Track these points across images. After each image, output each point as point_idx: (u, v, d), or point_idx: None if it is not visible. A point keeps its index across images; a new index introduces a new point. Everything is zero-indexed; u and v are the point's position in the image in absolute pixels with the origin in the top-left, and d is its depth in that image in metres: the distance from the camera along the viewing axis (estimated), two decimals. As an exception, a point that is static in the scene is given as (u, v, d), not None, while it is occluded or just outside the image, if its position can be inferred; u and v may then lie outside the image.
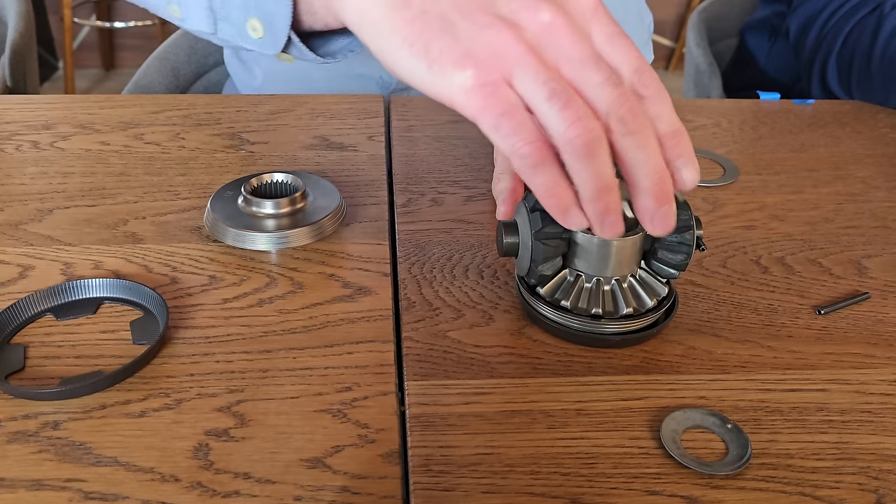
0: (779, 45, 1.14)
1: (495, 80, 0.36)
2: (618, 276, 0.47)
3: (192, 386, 0.43)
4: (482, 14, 0.37)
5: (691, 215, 0.46)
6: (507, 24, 0.36)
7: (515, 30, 0.36)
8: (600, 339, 0.47)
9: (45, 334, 0.47)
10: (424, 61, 0.37)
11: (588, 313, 0.47)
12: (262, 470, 0.39)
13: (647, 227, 0.39)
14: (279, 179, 0.59)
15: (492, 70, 0.36)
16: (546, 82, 0.36)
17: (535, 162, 0.36)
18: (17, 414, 0.41)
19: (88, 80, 2.99)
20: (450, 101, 0.37)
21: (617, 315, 0.46)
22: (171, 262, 0.53)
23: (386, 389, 0.44)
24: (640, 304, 0.47)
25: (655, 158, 0.38)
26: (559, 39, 0.36)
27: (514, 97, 0.36)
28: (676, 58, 3.02)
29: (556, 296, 0.47)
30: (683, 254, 0.46)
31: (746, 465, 0.40)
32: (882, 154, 0.75)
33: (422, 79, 0.38)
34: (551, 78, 0.36)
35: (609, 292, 0.47)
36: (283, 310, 0.50)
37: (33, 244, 0.55)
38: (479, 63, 0.36)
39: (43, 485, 0.37)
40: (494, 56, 0.36)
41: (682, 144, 0.39)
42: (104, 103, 0.76)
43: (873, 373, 0.47)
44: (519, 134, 0.36)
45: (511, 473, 0.39)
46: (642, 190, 0.38)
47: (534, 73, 0.36)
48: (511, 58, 0.36)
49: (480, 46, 0.36)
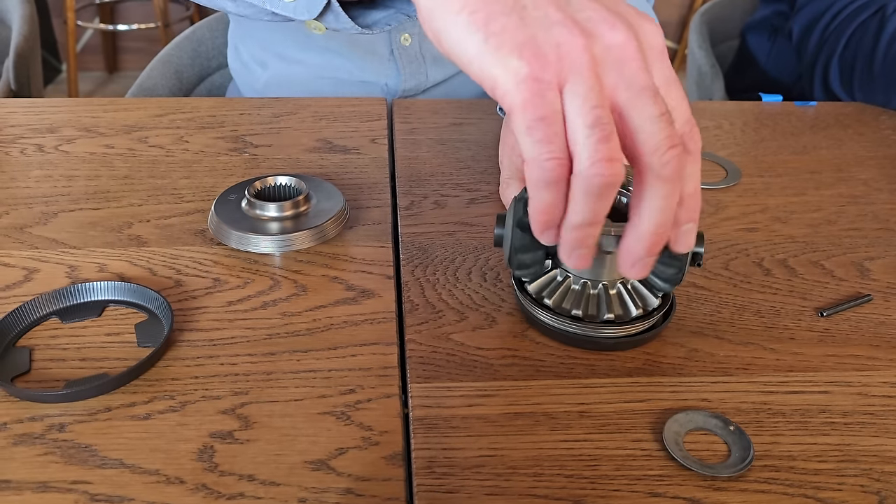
0: (779, 44, 1.14)
1: (549, 80, 0.34)
2: (606, 280, 0.47)
3: (197, 388, 0.44)
4: (556, 10, 0.35)
5: None
6: (579, 29, 0.35)
7: (587, 38, 0.34)
8: (591, 341, 0.47)
9: (50, 337, 0.47)
10: (482, 32, 0.35)
11: (568, 314, 0.47)
12: (267, 472, 0.39)
13: (623, 267, 0.38)
14: (283, 182, 0.59)
15: (550, 68, 0.34)
16: (595, 107, 0.34)
17: (551, 179, 0.35)
18: (23, 416, 0.41)
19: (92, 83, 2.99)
20: (492, 84, 0.35)
21: (598, 320, 0.47)
22: (176, 264, 0.54)
23: (389, 392, 0.44)
24: (625, 312, 0.47)
25: (669, 212, 0.36)
26: (626, 63, 0.34)
27: (559, 104, 0.34)
28: (678, 59, 3.03)
29: (541, 294, 0.48)
30: (675, 268, 0.46)
31: (749, 467, 0.40)
32: (884, 156, 0.75)
33: (472, 52, 0.35)
34: (601, 104, 0.34)
35: (594, 296, 0.47)
36: (286, 312, 0.50)
37: (38, 247, 0.55)
38: (539, 56, 0.34)
39: (49, 487, 0.38)
40: (557, 55, 0.34)
41: (695, 209, 0.38)
42: (108, 106, 0.77)
43: (875, 375, 0.47)
44: (549, 144, 0.34)
45: (514, 475, 0.39)
46: (641, 233, 0.37)
47: (587, 90, 0.34)
48: (573, 64, 0.34)
49: (546, 40, 0.34)
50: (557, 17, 0.35)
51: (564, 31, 0.34)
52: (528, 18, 0.34)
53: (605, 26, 0.35)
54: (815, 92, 0.97)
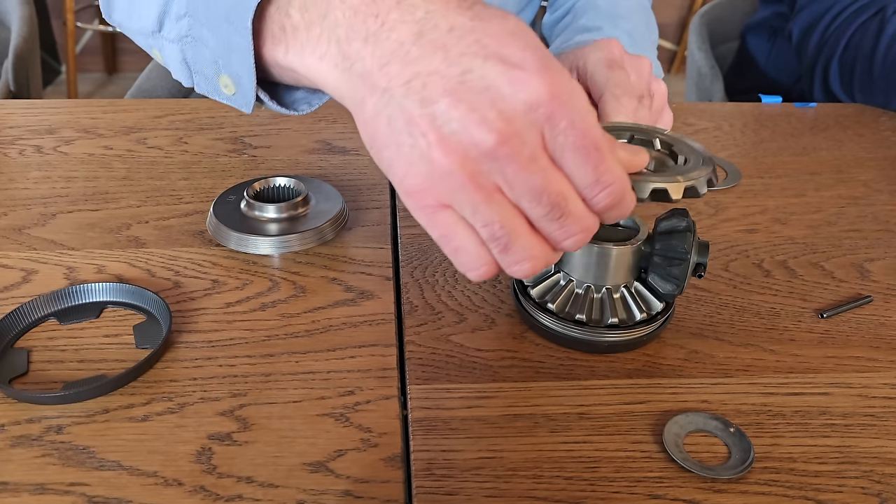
0: (779, 45, 1.14)
1: (434, 205, 0.35)
2: (610, 284, 0.47)
3: (195, 390, 0.43)
4: (428, 129, 0.33)
5: (689, 248, 0.45)
6: (447, 149, 0.33)
7: (456, 155, 0.33)
8: (588, 344, 0.47)
9: (48, 338, 0.47)
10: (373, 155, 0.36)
11: (572, 318, 0.47)
12: (265, 474, 0.39)
13: None
14: (281, 184, 0.59)
15: (429, 195, 0.34)
16: (484, 226, 0.34)
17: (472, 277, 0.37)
18: (20, 418, 0.41)
19: (91, 84, 2.99)
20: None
21: (602, 324, 0.46)
22: (174, 266, 0.54)
23: (388, 393, 0.44)
24: (629, 316, 0.47)
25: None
26: (505, 165, 0.33)
27: (455, 216, 0.35)
28: (678, 61, 3.02)
29: (545, 298, 0.47)
30: (672, 284, 0.46)
31: (749, 468, 0.40)
32: (884, 157, 0.75)
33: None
34: (489, 220, 0.34)
35: (598, 300, 0.47)
36: (285, 314, 0.50)
37: (37, 248, 0.55)
38: (418, 188, 0.34)
39: (46, 489, 0.37)
40: (432, 182, 0.34)
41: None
42: (107, 108, 0.76)
43: (876, 376, 0.47)
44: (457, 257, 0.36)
45: (513, 477, 0.39)
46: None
47: (472, 212, 0.34)
48: (451, 188, 0.34)
49: (420, 170, 0.34)
50: (425, 141, 0.33)
51: (438, 154, 0.33)
52: (404, 147, 0.34)
53: (472, 132, 0.33)
54: (815, 93, 0.97)
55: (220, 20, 0.40)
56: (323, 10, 0.36)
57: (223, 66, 0.42)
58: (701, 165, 0.42)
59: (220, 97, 0.45)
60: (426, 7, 0.34)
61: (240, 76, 0.42)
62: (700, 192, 0.41)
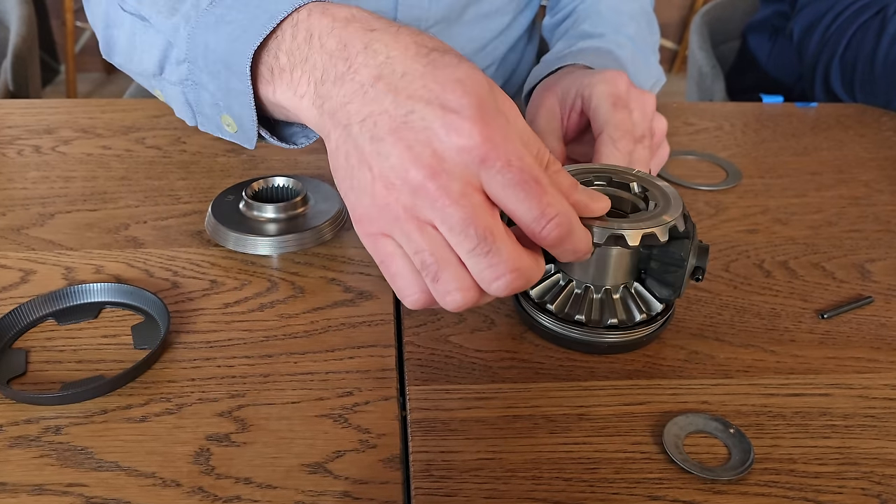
0: (780, 44, 1.14)
1: (375, 233, 0.38)
2: (609, 285, 0.47)
3: (194, 391, 0.43)
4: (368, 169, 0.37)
5: (687, 255, 0.44)
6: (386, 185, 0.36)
7: (392, 190, 0.36)
8: (588, 345, 0.47)
9: (46, 339, 0.47)
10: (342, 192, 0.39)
11: (572, 319, 0.46)
12: (264, 475, 0.39)
13: None
14: (280, 184, 0.59)
15: (373, 225, 0.38)
16: (417, 253, 0.37)
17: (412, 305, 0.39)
18: (18, 418, 0.41)
19: (90, 84, 2.99)
20: None
21: (602, 325, 0.46)
22: (173, 266, 0.53)
23: (387, 394, 0.44)
24: (628, 317, 0.47)
25: None
26: (434, 202, 0.35)
27: (392, 245, 0.38)
28: (679, 60, 3.02)
29: (544, 298, 0.47)
30: (669, 289, 0.46)
31: (749, 470, 0.40)
32: (885, 157, 0.75)
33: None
34: (420, 248, 0.36)
35: (598, 301, 0.47)
36: (284, 314, 0.49)
37: (35, 248, 0.55)
38: (363, 217, 0.38)
39: (44, 489, 0.37)
40: (372, 215, 0.37)
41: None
42: (106, 107, 0.76)
43: (876, 377, 0.47)
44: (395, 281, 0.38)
45: (513, 479, 0.39)
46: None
47: (406, 241, 0.37)
48: (388, 220, 0.37)
49: (361, 202, 0.37)
50: (370, 175, 0.36)
51: (378, 187, 0.36)
52: (355, 180, 0.37)
53: (407, 168, 0.35)
54: (816, 93, 0.97)
55: (218, 66, 0.44)
56: (305, 54, 0.40)
57: (224, 108, 0.46)
58: (669, 211, 0.43)
59: (224, 135, 0.48)
60: (387, 53, 0.37)
61: (241, 117, 0.45)
62: (661, 239, 0.42)
